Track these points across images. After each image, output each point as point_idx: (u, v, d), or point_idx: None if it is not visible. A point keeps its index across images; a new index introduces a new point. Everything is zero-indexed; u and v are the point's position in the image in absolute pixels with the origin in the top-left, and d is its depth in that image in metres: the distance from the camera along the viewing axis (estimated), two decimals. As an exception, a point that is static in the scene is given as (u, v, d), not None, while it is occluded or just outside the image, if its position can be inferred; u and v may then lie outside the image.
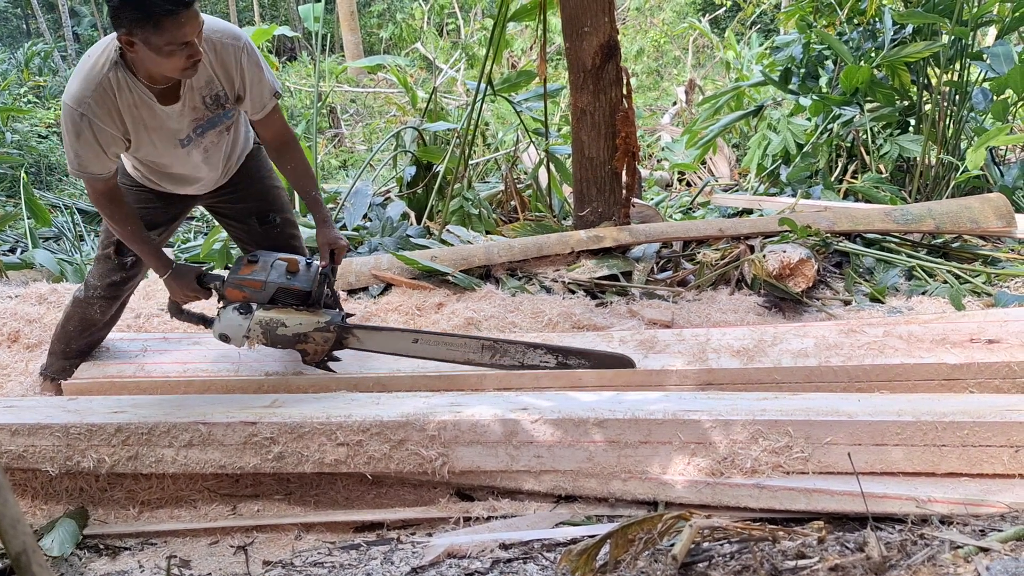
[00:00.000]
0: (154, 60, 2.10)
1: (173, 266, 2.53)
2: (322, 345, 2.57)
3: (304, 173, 2.63)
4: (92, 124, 2.19)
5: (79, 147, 2.23)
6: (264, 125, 2.53)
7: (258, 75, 2.37)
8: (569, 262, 4.03)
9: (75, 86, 2.19)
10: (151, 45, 2.06)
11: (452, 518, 2.10)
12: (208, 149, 2.49)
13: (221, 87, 2.35)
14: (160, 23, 2.01)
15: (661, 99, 12.42)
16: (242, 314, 2.53)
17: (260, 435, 2.14)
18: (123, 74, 2.19)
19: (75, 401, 2.49)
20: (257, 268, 2.53)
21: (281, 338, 2.54)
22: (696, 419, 2.03)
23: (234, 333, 2.55)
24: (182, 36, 2.06)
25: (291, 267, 2.54)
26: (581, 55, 4.02)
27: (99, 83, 2.17)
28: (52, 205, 7.13)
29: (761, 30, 13.11)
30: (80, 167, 2.27)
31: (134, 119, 2.26)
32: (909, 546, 1.56)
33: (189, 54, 2.11)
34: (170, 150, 2.39)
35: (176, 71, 2.16)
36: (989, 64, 4.96)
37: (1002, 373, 2.42)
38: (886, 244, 4.22)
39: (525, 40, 12.05)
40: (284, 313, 2.53)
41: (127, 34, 2.06)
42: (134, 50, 2.09)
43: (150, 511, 2.27)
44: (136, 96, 2.22)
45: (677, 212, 6.27)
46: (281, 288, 2.52)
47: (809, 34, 5.93)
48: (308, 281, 2.53)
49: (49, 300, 3.60)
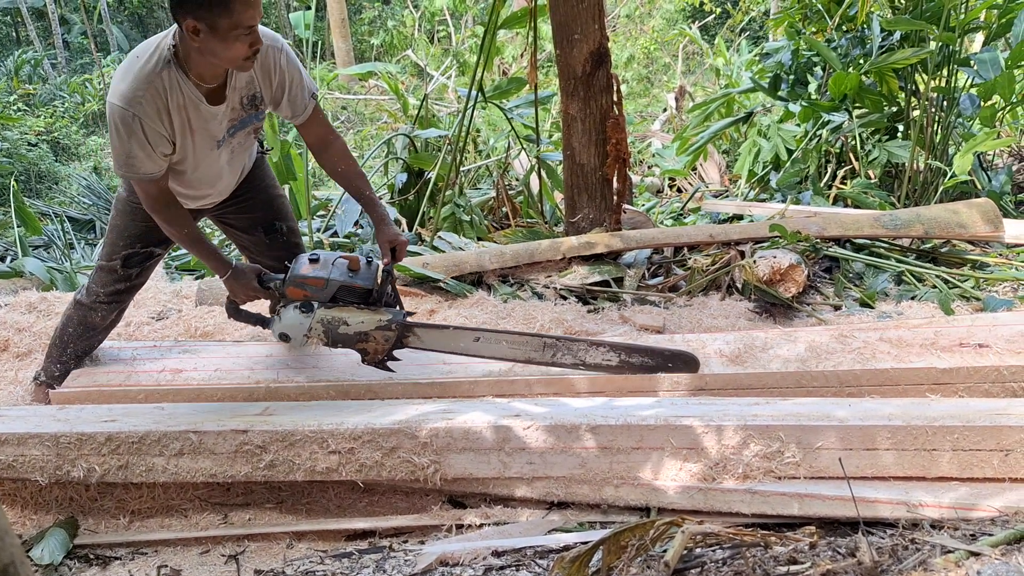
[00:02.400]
0: (216, 48, 2.11)
1: (233, 266, 2.50)
2: (383, 344, 2.52)
3: (356, 174, 2.62)
4: (143, 124, 2.18)
5: (131, 147, 2.21)
6: (307, 128, 2.53)
7: (298, 77, 2.40)
8: (561, 268, 4.04)
9: (125, 86, 2.17)
10: (217, 30, 2.06)
11: (444, 525, 2.10)
12: (234, 151, 2.50)
13: (258, 88, 2.37)
14: (230, 4, 2.03)
15: (651, 105, 12.48)
16: (303, 313, 2.48)
17: (251, 443, 2.14)
18: (175, 73, 2.19)
19: (65, 410, 2.48)
20: (318, 266, 2.49)
21: (342, 337, 2.50)
22: (688, 424, 2.03)
23: (295, 332, 2.51)
24: (248, 19, 2.08)
25: (352, 265, 2.49)
26: (571, 62, 4.03)
27: (151, 82, 2.16)
28: (42, 213, 7.09)
29: (750, 37, 13.19)
30: (132, 169, 2.25)
31: (181, 120, 2.26)
32: (900, 551, 1.57)
33: (251, 41, 2.13)
34: (206, 152, 2.39)
35: (237, 60, 2.16)
36: (976, 70, 5.00)
37: (991, 377, 2.44)
38: (875, 249, 4.25)
39: (516, 47, 12.08)
40: (346, 311, 2.49)
41: (194, 19, 2.06)
42: (198, 39, 2.09)
43: (141, 520, 2.26)
44: (185, 96, 2.23)
45: (668, 218, 6.28)
46: (343, 286, 2.48)
47: (798, 41, 5.96)
48: (370, 279, 2.50)
49: (39, 309, 3.58)
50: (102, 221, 7.09)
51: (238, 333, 3.36)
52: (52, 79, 14.95)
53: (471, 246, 4.56)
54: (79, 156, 10.88)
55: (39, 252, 5.83)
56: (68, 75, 15.75)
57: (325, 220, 5.56)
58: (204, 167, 2.44)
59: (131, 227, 2.58)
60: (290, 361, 2.83)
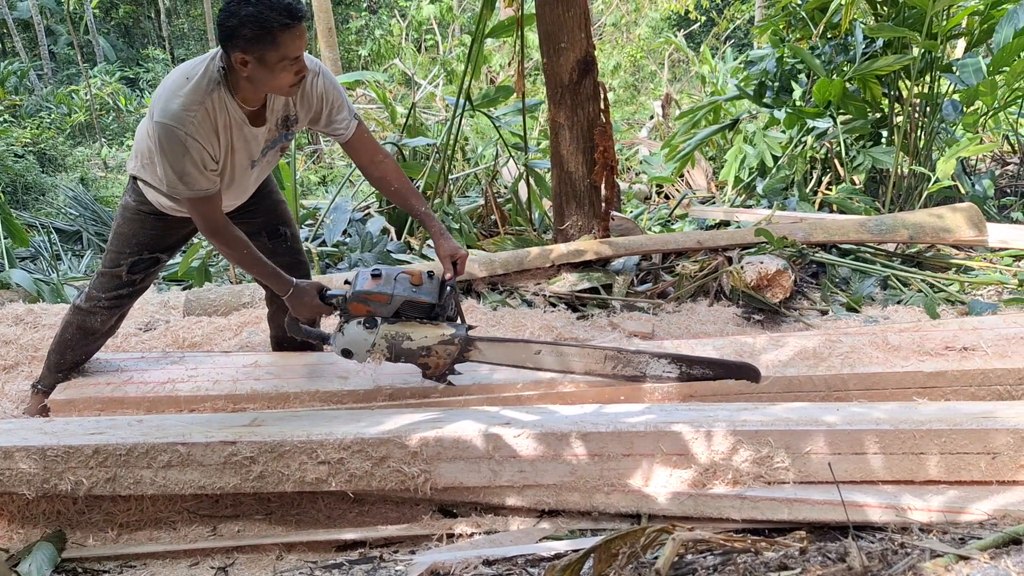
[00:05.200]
0: (264, 78, 2.16)
1: (294, 284, 2.49)
2: (444, 359, 2.49)
3: (410, 192, 2.62)
4: (196, 142, 2.21)
5: (184, 166, 2.22)
6: (354, 148, 2.55)
7: (339, 97, 2.44)
8: (550, 275, 4.05)
9: (176, 105, 2.18)
10: (265, 62, 2.12)
11: (435, 535, 2.09)
12: (263, 169, 2.55)
13: (294, 110, 2.42)
14: (277, 38, 2.09)
15: (638, 113, 12.54)
16: (367, 328, 2.46)
17: (240, 454, 2.12)
18: (224, 94, 2.23)
19: (52, 423, 2.46)
20: (382, 282, 2.47)
21: (405, 352, 2.48)
22: (678, 431, 2.03)
23: (358, 348, 2.48)
24: (295, 50, 2.13)
25: (415, 280, 2.48)
26: (558, 70, 4.05)
27: (201, 102, 2.20)
28: (29, 225, 7.04)
29: (735, 45, 13.28)
30: (188, 186, 2.26)
31: (226, 140, 2.29)
32: (890, 555, 1.57)
33: (297, 69, 2.18)
34: (242, 170, 2.44)
35: (283, 88, 2.22)
36: (959, 76, 5.05)
37: (977, 380, 2.45)
38: (861, 254, 4.28)
39: (503, 56, 12.11)
40: (409, 327, 2.47)
41: (242, 53, 2.11)
42: (247, 70, 2.14)
43: (129, 533, 2.24)
44: (231, 117, 2.27)
45: (656, 225, 6.31)
46: (407, 301, 2.46)
47: (782, 48, 6.01)
48: (432, 293, 2.48)
49: (25, 321, 3.56)
50: (89, 232, 7.05)
51: (226, 343, 3.35)
52: (38, 90, 14.90)
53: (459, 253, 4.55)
54: (66, 167, 10.82)
55: (26, 264, 5.80)
56: (55, 86, 15.69)
57: (313, 229, 5.56)
58: (236, 183, 2.48)
59: (139, 234, 2.58)
60: (279, 371, 2.82)
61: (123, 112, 14.11)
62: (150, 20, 20.53)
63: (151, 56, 17.05)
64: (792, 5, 6.22)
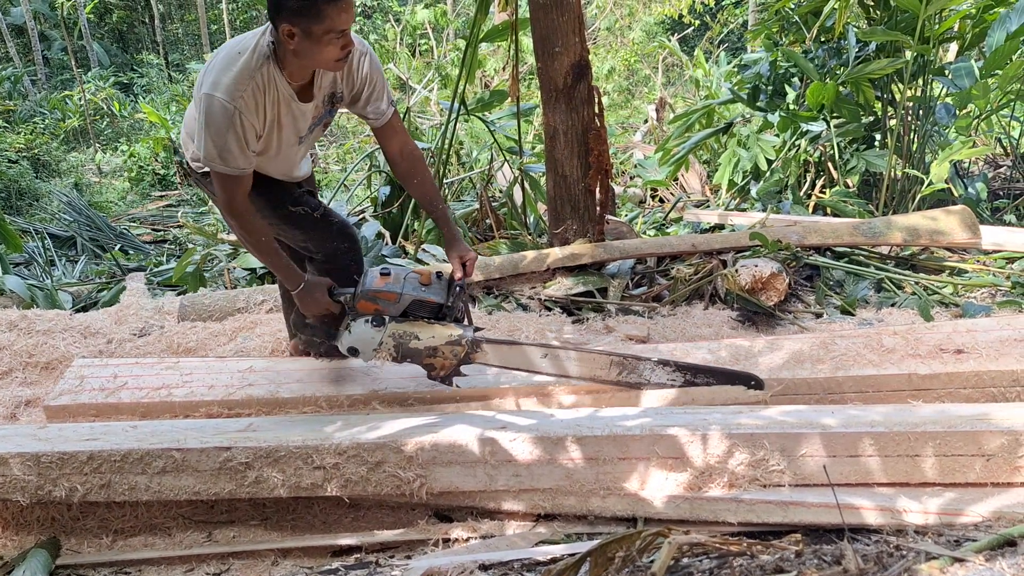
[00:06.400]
0: (311, 51, 2.16)
1: (305, 279, 2.49)
2: (451, 360, 2.48)
3: (432, 188, 2.65)
4: (242, 118, 2.21)
5: (228, 140, 2.22)
6: (387, 135, 2.56)
7: (380, 81, 2.46)
8: (545, 279, 4.05)
9: (227, 79, 2.19)
10: (311, 35, 2.12)
11: (431, 540, 2.09)
12: (308, 146, 2.57)
13: (340, 87, 2.43)
14: (323, 11, 2.09)
15: (632, 117, 12.55)
16: (375, 327, 2.46)
17: (235, 460, 2.12)
18: (273, 69, 2.24)
19: (46, 429, 2.45)
20: (391, 280, 2.47)
21: (412, 352, 2.47)
22: (673, 434, 2.04)
23: (364, 347, 2.48)
24: (341, 23, 2.13)
25: (424, 279, 2.48)
26: (553, 75, 4.05)
27: (252, 77, 2.20)
28: (22, 230, 7.03)
29: (729, 48, 13.31)
30: (225, 162, 2.25)
31: (273, 115, 2.30)
32: (885, 558, 1.58)
33: (343, 44, 2.18)
34: (288, 146, 2.45)
35: (329, 62, 2.22)
36: (951, 79, 5.07)
37: (971, 382, 2.46)
38: (855, 257, 4.29)
39: (498, 60, 12.12)
40: (417, 326, 2.47)
41: (289, 24, 2.11)
42: (293, 42, 2.14)
43: (124, 539, 2.23)
44: (279, 92, 2.27)
45: (651, 228, 6.32)
46: (416, 300, 2.46)
47: (776, 52, 6.03)
48: (441, 293, 2.48)
49: (19, 327, 3.54)
50: (83, 238, 7.03)
51: (221, 349, 3.34)
52: (32, 95, 14.86)
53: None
54: (60, 173, 10.80)
55: (20, 270, 5.78)
56: (48, 91, 15.66)
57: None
58: (282, 158, 2.49)
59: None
60: (274, 376, 2.81)
61: (117, 117, 14.08)
62: (144, 25, 20.49)
63: (145, 61, 17.02)
64: (785, 9, 6.24)
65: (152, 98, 14.83)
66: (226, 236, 5.21)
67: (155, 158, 11.16)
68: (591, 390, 2.60)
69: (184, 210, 9.03)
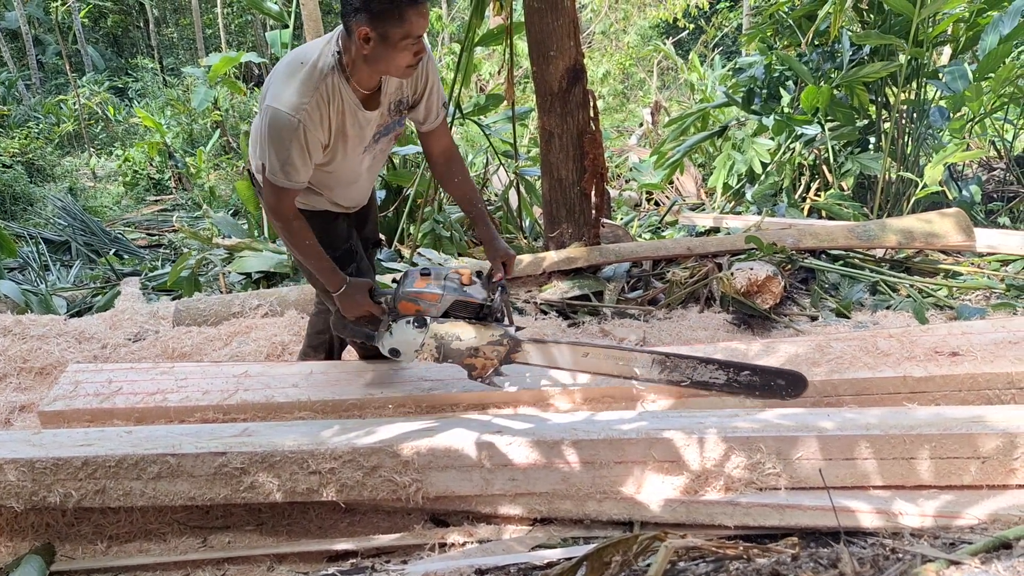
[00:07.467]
0: (384, 56, 2.13)
1: (348, 281, 2.46)
2: (492, 360, 2.46)
3: (471, 187, 2.63)
4: (307, 131, 2.17)
5: (290, 154, 2.18)
6: (434, 137, 2.55)
7: (436, 83, 2.42)
8: (541, 283, 4.05)
9: (291, 91, 2.15)
10: (388, 39, 2.09)
11: (427, 544, 2.08)
12: (375, 157, 2.52)
13: (405, 93, 2.39)
14: (405, 14, 2.06)
15: (628, 120, 12.58)
16: (417, 327, 2.43)
17: (230, 465, 2.11)
18: (338, 79, 2.20)
19: (40, 435, 2.44)
20: (432, 281, 2.45)
21: (454, 352, 2.45)
22: (670, 437, 2.04)
23: (406, 348, 2.46)
24: (419, 28, 2.10)
25: (465, 279, 2.46)
26: (548, 78, 4.06)
27: (317, 89, 2.16)
28: (17, 235, 7.01)
29: (724, 52, 13.36)
30: (287, 176, 2.22)
31: (337, 126, 2.26)
32: (881, 561, 1.58)
33: (417, 50, 2.15)
34: (353, 157, 2.40)
35: (400, 68, 2.18)
36: (945, 83, 5.09)
37: (967, 384, 2.46)
38: (850, 260, 4.30)
39: (493, 64, 12.14)
40: (459, 327, 2.45)
41: (368, 27, 2.07)
42: (368, 47, 2.10)
43: (119, 545, 2.23)
44: (345, 101, 2.23)
45: (646, 231, 6.33)
46: (457, 301, 2.43)
47: (770, 56, 6.05)
48: (482, 293, 2.46)
49: (13, 332, 3.53)
50: (77, 243, 7.02)
51: (216, 353, 3.33)
52: (27, 100, 14.83)
53: (451, 262, 4.56)
54: (54, 177, 10.78)
55: (14, 275, 5.76)
56: (43, 96, 15.63)
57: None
58: (346, 169, 2.43)
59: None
60: (270, 381, 2.80)
61: (112, 122, 14.07)
62: (139, 29, 20.47)
63: (140, 65, 17.00)
64: (780, 13, 6.27)
65: (147, 102, 14.82)
66: (221, 241, 5.20)
67: (150, 163, 11.14)
68: (589, 397, 2.59)
69: (179, 214, 9.02)
